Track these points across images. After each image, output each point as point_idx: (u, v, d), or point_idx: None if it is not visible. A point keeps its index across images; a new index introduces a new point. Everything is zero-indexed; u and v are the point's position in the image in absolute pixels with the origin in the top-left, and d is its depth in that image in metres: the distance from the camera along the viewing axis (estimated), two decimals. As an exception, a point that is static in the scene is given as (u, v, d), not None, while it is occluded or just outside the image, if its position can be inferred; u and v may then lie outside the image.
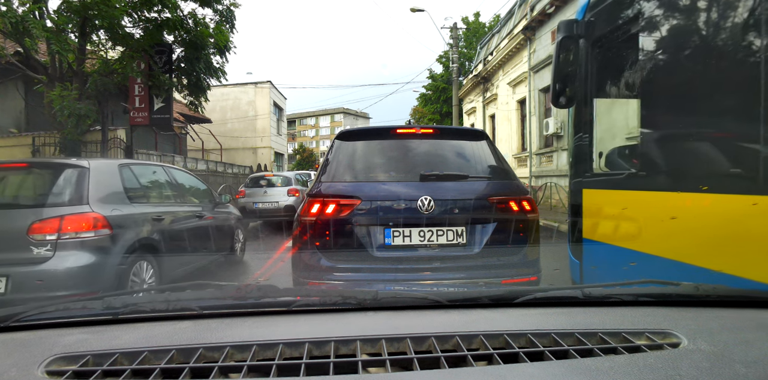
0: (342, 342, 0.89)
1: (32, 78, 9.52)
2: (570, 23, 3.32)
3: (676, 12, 2.55)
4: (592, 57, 3.24)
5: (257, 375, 0.80)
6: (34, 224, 3.43)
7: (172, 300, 1.10)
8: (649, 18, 2.67)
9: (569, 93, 3.37)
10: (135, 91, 11.11)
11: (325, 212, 3.07)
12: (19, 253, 3.38)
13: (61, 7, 8.36)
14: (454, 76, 20.05)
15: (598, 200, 3.19)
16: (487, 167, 3.46)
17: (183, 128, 18.93)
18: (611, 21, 3.05)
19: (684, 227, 2.32)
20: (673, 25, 2.56)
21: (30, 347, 0.91)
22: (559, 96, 3.40)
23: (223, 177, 17.37)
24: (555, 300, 1.16)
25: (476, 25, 27.61)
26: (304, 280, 3.12)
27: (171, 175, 5.37)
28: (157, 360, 0.84)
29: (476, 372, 0.78)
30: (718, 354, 0.82)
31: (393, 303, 1.12)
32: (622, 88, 3.21)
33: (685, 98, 2.49)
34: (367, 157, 3.45)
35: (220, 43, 10.74)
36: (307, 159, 51.19)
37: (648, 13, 2.68)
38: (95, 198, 3.75)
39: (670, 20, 2.59)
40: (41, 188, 3.98)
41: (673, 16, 2.57)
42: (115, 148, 11.05)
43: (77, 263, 3.45)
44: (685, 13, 2.48)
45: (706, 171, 2.25)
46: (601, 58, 3.24)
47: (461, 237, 3.08)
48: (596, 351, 0.85)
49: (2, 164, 4.25)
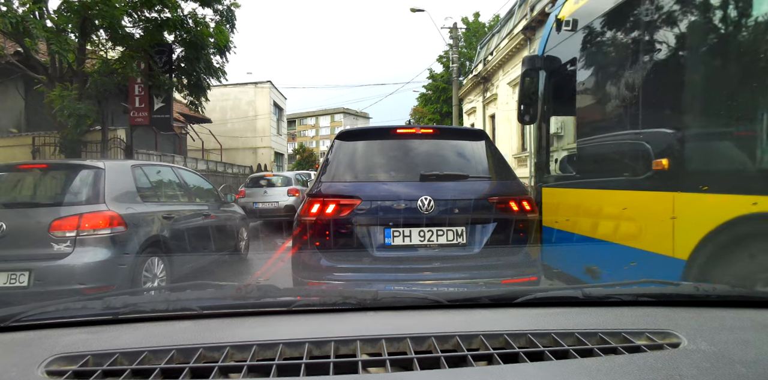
0: (342, 342, 0.89)
1: (32, 78, 9.50)
2: (532, 58, 4.31)
3: (599, 55, 3.55)
4: (547, 85, 4.24)
5: (257, 375, 0.80)
6: (54, 222, 3.65)
7: (172, 300, 1.10)
8: (580, 58, 3.69)
9: (531, 113, 4.34)
10: (135, 91, 11.10)
11: (325, 212, 3.07)
12: (40, 249, 3.59)
13: (61, 7, 8.35)
14: (454, 76, 20.04)
15: (550, 196, 4.15)
16: (487, 167, 3.46)
17: (183, 128, 18.92)
18: (558, 59, 4.06)
19: (601, 214, 3.28)
20: (595, 64, 3.61)
21: (30, 347, 0.91)
22: (523, 115, 4.36)
23: (223, 177, 17.36)
24: (555, 300, 1.16)
25: (476, 25, 27.59)
26: (304, 280, 3.12)
27: (179, 175, 5.55)
28: (157, 360, 0.84)
29: (476, 372, 0.78)
30: (718, 354, 0.81)
31: (393, 303, 1.12)
32: (566, 110, 4.12)
33: (596, 120, 3.61)
34: (367, 157, 3.45)
35: (220, 43, 10.72)
36: (307, 159, 51.16)
37: (580, 56, 3.69)
38: (111, 197, 3.96)
39: (593, 61, 3.61)
40: (60, 188, 4.21)
41: (596, 57, 3.59)
42: (115, 148, 11.04)
43: (95, 259, 3.66)
44: (604, 56, 3.49)
45: (608, 175, 3.30)
46: (553, 86, 4.22)
47: (461, 237, 3.08)
48: (596, 351, 0.85)
49: (24, 166, 4.56)
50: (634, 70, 3.01)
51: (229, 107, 26.66)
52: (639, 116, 2.90)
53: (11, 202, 4.10)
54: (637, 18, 3.00)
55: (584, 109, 3.72)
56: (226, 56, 11.19)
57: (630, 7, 3.07)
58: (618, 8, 3.19)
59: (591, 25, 3.53)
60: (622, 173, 3.12)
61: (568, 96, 3.81)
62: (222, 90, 23.37)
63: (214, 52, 11.04)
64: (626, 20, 3.14)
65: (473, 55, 26.09)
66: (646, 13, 2.90)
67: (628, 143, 3.04)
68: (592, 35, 3.56)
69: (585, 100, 3.71)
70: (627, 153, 3.09)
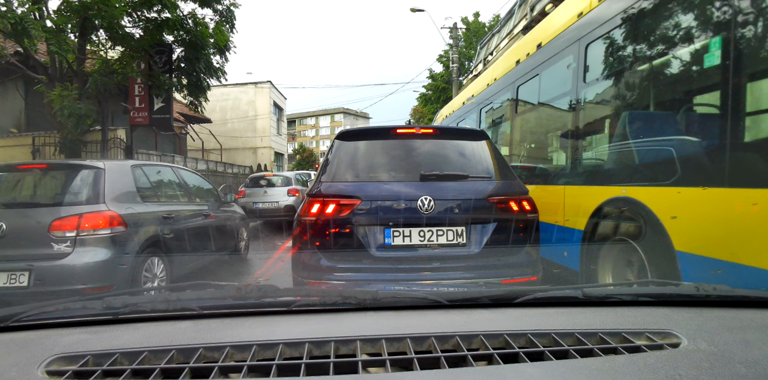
0: (342, 342, 0.89)
1: (32, 78, 9.50)
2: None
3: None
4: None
5: (257, 375, 0.80)
6: (54, 222, 3.65)
7: (172, 300, 1.10)
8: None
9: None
10: (135, 91, 11.09)
11: (325, 212, 3.07)
12: (41, 249, 3.58)
13: (61, 7, 8.35)
14: (454, 76, 20.03)
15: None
16: (487, 167, 3.46)
17: (183, 128, 18.91)
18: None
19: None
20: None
21: (30, 347, 0.91)
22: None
23: (223, 177, 17.35)
24: (555, 300, 1.16)
25: (476, 25, 27.55)
26: (304, 280, 3.11)
27: (179, 175, 5.54)
28: (157, 360, 0.84)
29: (476, 372, 0.78)
30: (718, 354, 0.81)
31: (393, 303, 1.12)
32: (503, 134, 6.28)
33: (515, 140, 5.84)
34: (367, 157, 3.45)
35: (220, 43, 10.72)
36: (307, 159, 51.14)
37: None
38: (111, 197, 3.96)
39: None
40: (60, 188, 4.19)
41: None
42: (115, 148, 11.03)
43: (95, 259, 3.66)
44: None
45: (532, 177, 5.17)
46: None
47: (461, 237, 3.08)
48: (596, 351, 0.85)
49: (23, 166, 4.52)
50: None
51: (229, 107, 26.65)
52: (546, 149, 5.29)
53: (11, 202, 4.09)
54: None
55: (509, 135, 6.13)
56: (226, 56, 11.20)
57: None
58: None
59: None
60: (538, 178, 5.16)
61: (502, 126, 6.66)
62: (222, 90, 23.37)
63: (214, 52, 11.03)
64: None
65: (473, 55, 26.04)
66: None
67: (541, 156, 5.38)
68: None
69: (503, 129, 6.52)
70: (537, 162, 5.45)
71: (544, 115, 5.07)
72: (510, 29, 9.31)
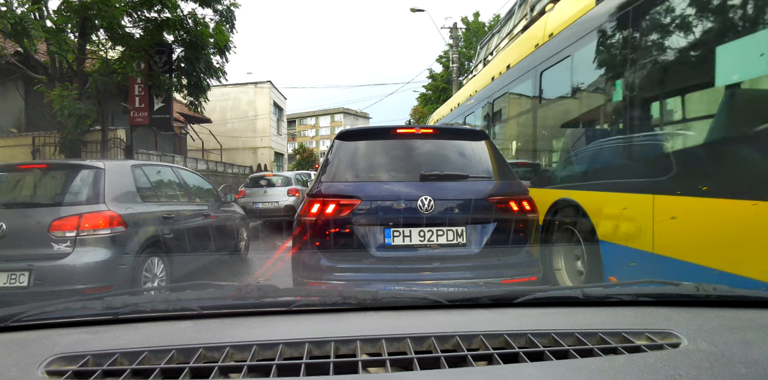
0: (342, 342, 0.89)
1: (32, 78, 9.49)
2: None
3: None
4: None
5: (257, 375, 0.80)
6: (54, 222, 3.66)
7: (172, 300, 1.10)
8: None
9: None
10: (135, 91, 11.09)
11: (325, 212, 3.07)
12: (41, 249, 3.58)
13: (61, 7, 8.34)
14: (454, 76, 20.02)
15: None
16: (487, 167, 3.46)
17: (183, 128, 18.91)
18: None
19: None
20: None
21: (30, 347, 0.91)
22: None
23: (223, 177, 17.35)
24: (555, 300, 1.16)
25: (476, 25, 27.54)
26: (304, 280, 3.11)
27: (179, 175, 5.54)
28: (157, 360, 0.84)
29: (476, 372, 0.78)
30: (718, 354, 0.81)
31: (393, 303, 1.12)
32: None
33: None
34: (367, 157, 3.45)
35: (220, 43, 10.72)
36: (307, 159, 51.14)
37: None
38: (111, 197, 3.96)
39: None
40: (60, 188, 4.19)
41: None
42: (115, 148, 11.03)
43: (95, 259, 3.66)
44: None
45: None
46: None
47: (461, 237, 3.08)
48: (596, 351, 0.85)
49: (23, 166, 4.52)
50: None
51: (229, 107, 26.65)
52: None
53: (11, 202, 4.09)
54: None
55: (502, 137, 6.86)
56: (226, 56, 11.20)
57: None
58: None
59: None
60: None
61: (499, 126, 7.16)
62: (222, 90, 23.37)
63: (214, 52, 11.04)
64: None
65: (473, 55, 26.04)
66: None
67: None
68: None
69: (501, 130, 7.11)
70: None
71: (512, 128, 6.22)
72: (510, 29, 9.34)
